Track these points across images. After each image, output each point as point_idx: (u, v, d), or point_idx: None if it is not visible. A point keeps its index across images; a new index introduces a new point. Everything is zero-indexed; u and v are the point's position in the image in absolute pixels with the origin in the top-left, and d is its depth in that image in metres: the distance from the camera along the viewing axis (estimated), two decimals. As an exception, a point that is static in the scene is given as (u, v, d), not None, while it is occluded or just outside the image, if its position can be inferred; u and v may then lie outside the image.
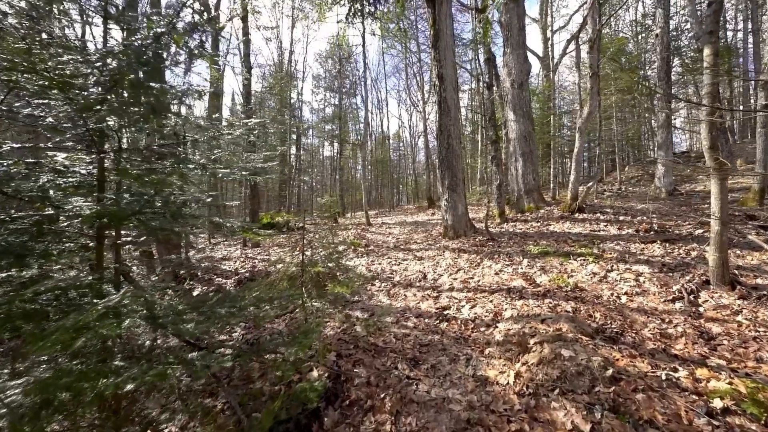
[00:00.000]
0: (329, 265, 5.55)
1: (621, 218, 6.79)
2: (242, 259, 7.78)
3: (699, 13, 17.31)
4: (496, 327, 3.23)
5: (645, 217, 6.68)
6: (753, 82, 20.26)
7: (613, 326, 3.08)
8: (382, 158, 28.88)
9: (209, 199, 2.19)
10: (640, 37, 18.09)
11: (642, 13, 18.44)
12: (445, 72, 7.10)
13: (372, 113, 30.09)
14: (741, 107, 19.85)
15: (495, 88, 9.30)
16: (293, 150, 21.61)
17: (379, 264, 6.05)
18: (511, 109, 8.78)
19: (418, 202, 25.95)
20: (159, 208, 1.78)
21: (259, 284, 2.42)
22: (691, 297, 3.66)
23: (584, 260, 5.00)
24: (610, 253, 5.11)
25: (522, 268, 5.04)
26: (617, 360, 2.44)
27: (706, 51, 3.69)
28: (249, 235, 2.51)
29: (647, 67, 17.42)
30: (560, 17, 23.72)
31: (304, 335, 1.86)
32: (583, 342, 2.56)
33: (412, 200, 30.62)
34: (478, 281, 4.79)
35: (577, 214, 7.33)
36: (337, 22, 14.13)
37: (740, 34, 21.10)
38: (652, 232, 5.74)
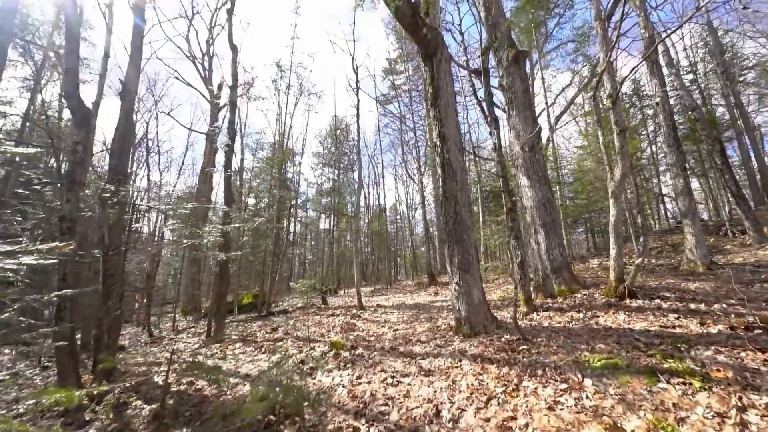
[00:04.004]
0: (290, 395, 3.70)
1: (692, 306, 5.10)
2: (186, 364, 5.78)
3: (687, 85, 17.88)
4: None
5: (724, 305, 5.01)
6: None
7: None
8: (378, 230, 28.09)
9: None
10: (631, 111, 18.39)
11: (632, 87, 18.99)
12: (447, 132, 6.08)
13: (369, 187, 30.32)
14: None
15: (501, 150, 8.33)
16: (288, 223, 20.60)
17: (369, 383, 4.15)
18: (524, 174, 7.66)
19: (417, 276, 24.20)
20: None
21: None
22: None
23: (684, 383, 3.21)
24: (719, 370, 3.34)
25: (588, 397, 3.22)
26: None
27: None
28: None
29: (640, 136, 17.31)
30: (552, 95, 24.77)
31: None
32: None
33: (411, 274, 28.92)
34: (526, 426, 2.93)
35: (628, 301, 5.63)
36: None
37: (721, 109, 21.84)
38: (757, 331, 4.04)
